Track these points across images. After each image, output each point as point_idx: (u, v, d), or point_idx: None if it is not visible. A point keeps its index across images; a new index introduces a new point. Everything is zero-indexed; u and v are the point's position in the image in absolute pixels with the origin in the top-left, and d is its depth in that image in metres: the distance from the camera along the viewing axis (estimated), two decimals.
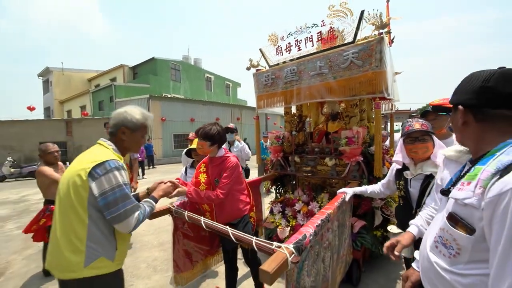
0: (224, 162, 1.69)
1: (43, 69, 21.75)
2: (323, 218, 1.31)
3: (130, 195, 1.12)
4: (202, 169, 1.81)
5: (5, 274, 2.61)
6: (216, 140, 1.67)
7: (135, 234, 3.57)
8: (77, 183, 1.05)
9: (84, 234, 1.04)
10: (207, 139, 1.64)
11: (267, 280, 0.82)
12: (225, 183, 1.61)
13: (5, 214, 4.76)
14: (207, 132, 1.64)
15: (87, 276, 1.04)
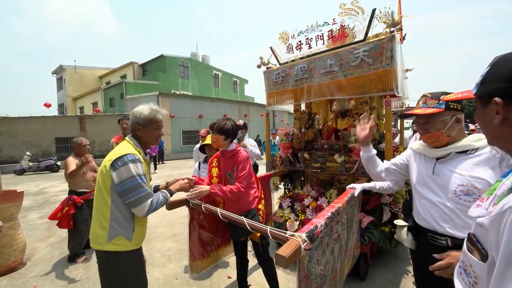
0: (235, 155, 1.76)
1: (57, 67, 22.44)
2: (333, 211, 1.37)
3: (143, 185, 1.27)
4: (215, 164, 1.90)
5: (32, 259, 2.82)
6: (230, 134, 1.75)
7: (149, 225, 3.73)
8: (103, 172, 1.27)
9: (108, 214, 1.25)
10: (222, 133, 1.72)
11: (283, 263, 0.90)
12: (242, 176, 1.68)
13: (27, 205, 5.04)
14: (222, 127, 1.72)
15: (109, 250, 1.26)
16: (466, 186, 1.00)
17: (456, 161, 1.07)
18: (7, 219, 2.54)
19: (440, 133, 1.08)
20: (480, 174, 0.98)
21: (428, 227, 1.14)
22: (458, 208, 1.02)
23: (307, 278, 1.18)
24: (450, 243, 1.06)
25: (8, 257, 2.50)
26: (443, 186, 1.07)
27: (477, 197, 0.95)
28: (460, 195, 1.01)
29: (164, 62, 18.87)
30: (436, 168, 1.12)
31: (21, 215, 4.31)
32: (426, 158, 1.19)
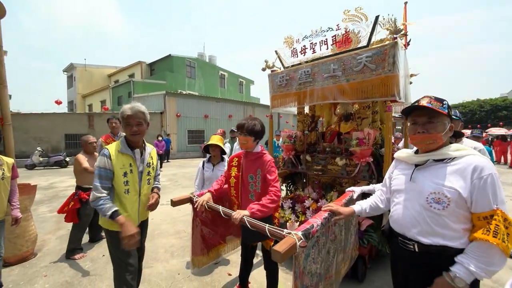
0: (261, 158, 1.69)
1: (67, 65, 23.05)
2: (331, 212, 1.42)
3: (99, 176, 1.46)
4: (234, 163, 1.84)
5: (42, 250, 2.95)
6: (259, 136, 1.71)
7: (154, 222, 3.84)
8: None
9: None
10: (252, 135, 1.66)
11: (278, 258, 0.96)
12: (275, 180, 1.62)
13: (37, 198, 5.22)
14: (253, 128, 1.66)
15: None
16: (437, 194, 1.01)
17: (433, 169, 1.08)
18: (21, 211, 2.66)
19: (439, 135, 1.06)
20: (452, 184, 0.99)
21: (399, 231, 1.17)
22: (427, 215, 1.04)
23: (302, 275, 1.23)
24: (417, 248, 1.08)
25: (20, 247, 2.63)
26: (418, 192, 1.09)
27: (446, 206, 0.99)
28: (431, 203, 1.03)
29: (171, 62, 19.15)
30: (413, 175, 1.14)
31: (32, 208, 4.48)
32: (406, 165, 1.21)
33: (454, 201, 0.98)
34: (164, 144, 9.51)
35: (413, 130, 1.12)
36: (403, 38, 2.63)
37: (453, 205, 0.98)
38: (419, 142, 1.11)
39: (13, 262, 2.59)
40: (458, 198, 0.97)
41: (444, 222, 1.01)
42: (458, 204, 0.98)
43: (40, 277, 2.38)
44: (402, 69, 2.29)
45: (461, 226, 1.00)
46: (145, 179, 1.65)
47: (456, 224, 1.00)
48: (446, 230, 1.01)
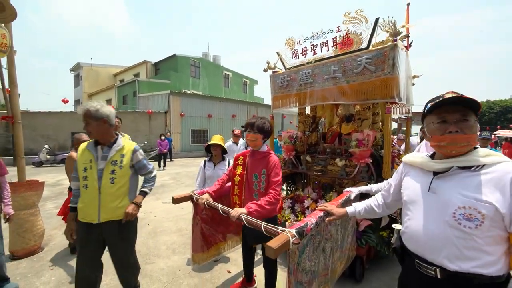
0: (266, 158, 1.71)
1: (74, 64, 23.47)
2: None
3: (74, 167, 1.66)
4: (240, 162, 1.87)
5: (49, 245, 3.05)
6: (268, 135, 1.75)
7: (156, 220, 3.92)
8: None
9: None
10: (262, 133, 1.71)
11: (271, 254, 1.00)
12: (277, 182, 1.63)
13: (45, 195, 5.35)
14: (262, 127, 1.71)
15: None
16: (468, 210, 0.83)
17: (458, 178, 0.89)
18: (29, 206, 2.78)
19: (474, 136, 0.88)
20: (487, 197, 0.81)
21: (417, 253, 0.97)
22: (455, 234, 0.85)
23: (297, 271, 1.27)
24: (439, 275, 0.89)
25: (28, 241, 2.73)
26: (440, 206, 0.90)
27: (480, 224, 0.81)
28: (459, 220, 0.84)
29: (176, 61, 19.33)
30: (433, 184, 0.94)
31: (40, 204, 4.62)
32: (422, 172, 1.02)
33: (490, 218, 0.80)
34: (167, 143, 9.63)
35: (442, 130, 0.91)
36: (405, 39, 2.63)
37: (487, 223, 0.80)
38: (450, 143, 0.89)
39: (21, 255, 2.69)
40: (495, 215, 0.80)
41: (477, 244, 0.82)
42: (493, 222, 0.81)
43: (46, 270, 2.47)
44: (404, 71, 2.30)
45: (497, 248, 0.83)
46: (106, 177, 1.60)
47: (491, 246, 0.82)
48: (479, 253, 0.82)
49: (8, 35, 2.28)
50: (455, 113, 0.90)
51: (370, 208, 1.32)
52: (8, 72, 2.69)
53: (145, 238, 3.25)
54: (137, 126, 13.76)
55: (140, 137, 13.63)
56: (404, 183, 1.11)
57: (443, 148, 0.93)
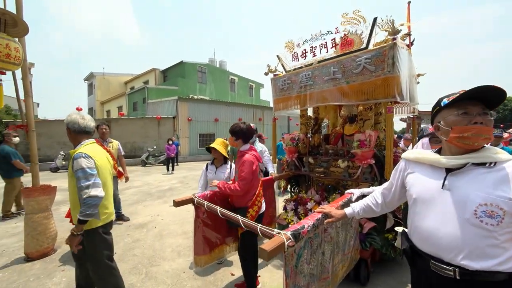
0: (242, 157, 1.96)
1: (88, 74, 24.49)
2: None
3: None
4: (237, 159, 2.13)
5: (62, 247, 3.17)
6: (239, 135, 2.02)
7: (163, 222, 3.99)
8: None
9: None
10: (233, 135, 2.04)
11: (264, 256, 1.01)
12: (241, 178, 1.88)
13: (60, 199, 5.60)
14: (232, 129, 2.05)
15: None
16: (490, 207, 0.82)
17: (474, 175, 0.88)
18: (42, 210, 2.91)
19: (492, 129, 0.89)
20: (506, 194, 0.82)
21: (432, 254, 0.95)
22: (477, 233, 0.84)
23: (295, 274, 1.27)
24: (458, 275, 0.87)
25: (42, 243, 2.85)
26: (458, 204, 0.88)
27: (501, 220, 0.81)
28: (481, 217, 0.83)
29: (183, 68, 19.78)
30: (447, 181, 0.92)
31: (54, 207, 4.81)
32: (432, 169, 0.99)
33: (510, 214, 0.82)
34: (175, 148, 9.82)
35: (466, 120, 0.89)
36: (407, 38, 2.59)
37: (508, 219, 0.82)
38: (476, 134, 0.87)
39: (35, 257, 2.81)
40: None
41: (497, 241, 0.83)
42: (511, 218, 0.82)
43: (58, 271, 2.57)
44: (405, 70, 2.26)
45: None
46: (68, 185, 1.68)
47: (509, 243, 0.84)
48: (499, 250, 0.83)
49: (21, 49, 2.43)
50: (477, 106, 0.89)
51: (368, 207, 1.30)
52: (22, 83, 2.85)
53: (151, 240, 3.31)
54: (146, 131, 14.11)
55: (150, 142, 13.96)
56: (409, 180, 1.07)
57: (466, 139, 0.89)
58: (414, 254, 1.03)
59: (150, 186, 7.04)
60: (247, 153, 1.99)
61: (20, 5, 2.65)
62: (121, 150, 4.12)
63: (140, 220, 4.14)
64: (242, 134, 2.01)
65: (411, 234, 1.05)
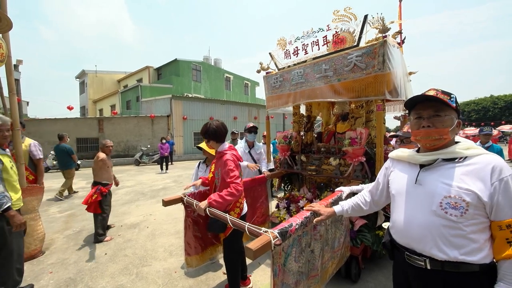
0: (221, 157, 1.84)
1: (79, 71, 23.96)
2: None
3: None
4: (215, 160, 2.02)
5: (50, 248, 3.10)
6: (210, 136, 1.86)
7: (156, 222, 3.95)
8: None
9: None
10: (205, 136, 1.89)
11: (250, 255, 0.99)
12: (232, 178, 1.71)
13: (49, 200, 5.48)
14: (201, 131, 1.91)
15: None
16: (453, 198, 0.87)
17: (443, 170, 0.94)
18: (29, 211, 2.83)
19: (446, 130, 0.93)
20: (469, 186, 0.86)
21: (405, 245, 1.01)
22: (442, 223, 0.89)
23: (283, 273, 1.26)
24: (428, 265, 0.93)
25: (29, 245, 2.78)
26: (427, 197, 0.94)
27: (465, 211, 0.86)
28: (446, 208, 0.88)
29: (177, 66, 19.55)
30: (419, 177, 0.98)
31: (43, 208, 4.72)
32: (409, 166, 1.06)
33: (473, 206, 0.85)
34: (168, 146, 9.71)
35: (417, 125, 0.98)
36: (398, 36, 2.61)
37: (471, 210, 0.85)
38: (423, 137, 0.96)
39: None
40: (478, 203, 0.85)
41: (463, 232, 0.87)
42: (476, 210, 0.86)
43: (46, 273, 2.51)
44: (398, 67, 2.27)
45: (481, 236, 0.87)
46: None
47: (475, 234, 0.87)
48: (465, 241, 0.87)
49: (4, 45, 2.35)
50: (429, 109, 0.96)
51: (358, 206, 1.33)
52: (7, 80, 2.76)
53: (143, 240, 3.27)
54: (140, 130, 13.94)
55: (143, 141, 13.80)
56: (391, 177, 1.14)
57: (419, 141, 1.01)
58: (393, 248, 1.09)
59: (143, 186, 6.95)
60: (227, 153, 1.84)
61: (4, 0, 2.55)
62: (36, 153, 3.17)
63: (132, 220, 4.08)
64: (211, 134, 1.84)
65: (391, 228, 1.11)
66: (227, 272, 1.95)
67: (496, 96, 26.13)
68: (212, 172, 1.96)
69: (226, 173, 1.73)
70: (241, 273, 2.09)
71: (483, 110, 25.95)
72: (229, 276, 1.94)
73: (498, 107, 24.98)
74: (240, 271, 1.98)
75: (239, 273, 1.97)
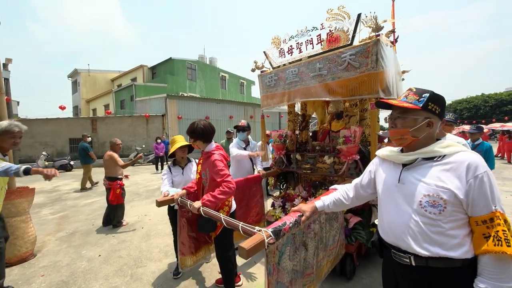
0: (209, 158, 1.81)
1: (72, 70, 23.50)
2: None
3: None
4: (201, 161, 2.02)
5: (42, 251, 3.04)
6: (197, 136, 1.83)
7: (151, 222, 3.91)
8: None
9: None
10: (192, 136, 1.86)
11: (243, 255, 0.99)
12: (223, 178, 1.69)
13: (41, 201, 5.38)
14: (188, 130, 1.87)
15: None
16: (432, 197, 0.90)
17: (423, 169, 0.97)
18: (19, 213, 2.77)
19: (405, 130, 0.98)
20: (446, 184, 0.89)
21: (391, 243, 1.04)
22: (423, 221, 0.92)
23: (277, 272, 1.26)
24: (413, 262, 0.95)
25: (20, 248, 2.72)
26: (408, 196, 0.97)
27: (443, 209, 0.88)
28: (425, 206, 0.91)
29: (172, 65, 19.34)
30: (402, 176, 1.01)
31: (35, 210, 4.63)
32: (393, 165, 1.08)
33: (451, 203, 0.88)
34: (163, 146, 9.63)
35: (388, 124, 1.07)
36: (391, 35, 2.63)
37: (449, 208, 0.88)
38: (391, 136, 1.05)
39: (13, 262, 2.68)
40: (455, 200, 0.87)
41: (442, 229, 0.90)
42: (454, 207, 0.88)
43: (37, 276, 2.47)
44: (391, 66, 2.29)
45: (460, 232, 0.89)
46: None
47: (455, 230, 0.89)
48: (445, 238, 0.90)
49: None
50: (394, 111, 1.04)
51: (339, 201, 1.33)
52: None
53: (138, 241, 3.24)
54: (135, 130, 13.77)
55: (138, 141, 13.64)
56: (377, 175, 1.17)
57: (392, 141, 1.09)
58: (381, 246, 1.12)
59: (138, 186, 6.88)
60: (214, 153, 1.81)
61: None
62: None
63: (127, 220, 4.03)
64: (199, 134, 1.81)
65: (379, 227, 1.15)
66: (221, 269, 1.96)
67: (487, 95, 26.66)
68: (199, 173, 1.94)
69: (216, 173, 1.71)
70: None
71: (474, 108, 26.45)
72: (223, 273, 1.95)
73: (489, 105, 25.48)
74: (234, 268, 1.99)
75: (233, 270, 1.98)
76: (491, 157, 3.91)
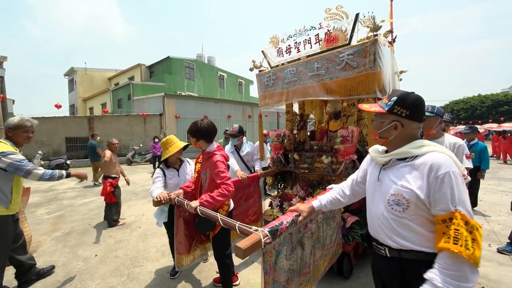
0: (210, 158, 1.79)
1: (68, 69, 23.28)
2: None
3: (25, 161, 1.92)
4: (200, 160, 2.00)
5: (37, 251, 3.01)
6: (200, 135, 1.80)
7: (148, 222, 3.89)
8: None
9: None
10: (192, 135, 1.84)
11: (240, 254, 0.99)
12: (223, 179, 1.69)
13: (36, 201, 5.33)
14: (190, 130, 1.84)
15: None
16: (396, 196, 0.96)
17: (396, 169, 1.02)
18: None
19: (374, 132, 1.08)
20: (408, 184, 0.94)
21: (373, 235, 1.13)
22: (391, 217, 0.99)
23: (274, 271, 1.26)
24: (388, 253, 1.04)
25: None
26: (383, 193, 1.04)
27: (406, 208, 0.94)
28: (392, 205, 0.98)
29: (170, 63, 19.25)
30: (380, 175, 1.09)
31: (30, 210, 4.58)
32: (376, 164, 1.16)
33: (414, 203, 0.92)
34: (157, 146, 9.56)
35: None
36: (389, 35, 2.64)
37: (413, 207, 0.93)
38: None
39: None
40: (417, 200, 0.92)
41: (408, 225, 0.95)
42: (418, 206, 0.92)
43: None
44: (388, 66, 2.29)
45: (426, 228, 0.94)
46: None
47: (421, 227, 0.94)
48: (412, 233, 0.95)
49: None
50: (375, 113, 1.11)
51: (336, 199, 1.37)
52: None
53: (135, 241, 3.22)
54: (132, 129, 13.69)
55: (136, 140, 13.56)
56: (368, 173, 1.24)
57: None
58: (369, 239, 1.19)
59: (135, 185, 6.84)
60: (216, 154, 1.80)
61: None
62: None
63: (124, 220, 4.01)
64: (202, 134, 1.79)
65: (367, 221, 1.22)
66: (219, 268, 1.95)
67: (483, 95, 26.91)
68: (197, 172, 1.92)
69: (216, 174, 1.70)
70: None
71: (471, 109, 26.68)
72: (221, 272, 1.95)
73: (486, 106, 25.72)
74: (232, 267, 1.99)
75: (231, 269, 1.98)
76: (486, 157, 3.95)
